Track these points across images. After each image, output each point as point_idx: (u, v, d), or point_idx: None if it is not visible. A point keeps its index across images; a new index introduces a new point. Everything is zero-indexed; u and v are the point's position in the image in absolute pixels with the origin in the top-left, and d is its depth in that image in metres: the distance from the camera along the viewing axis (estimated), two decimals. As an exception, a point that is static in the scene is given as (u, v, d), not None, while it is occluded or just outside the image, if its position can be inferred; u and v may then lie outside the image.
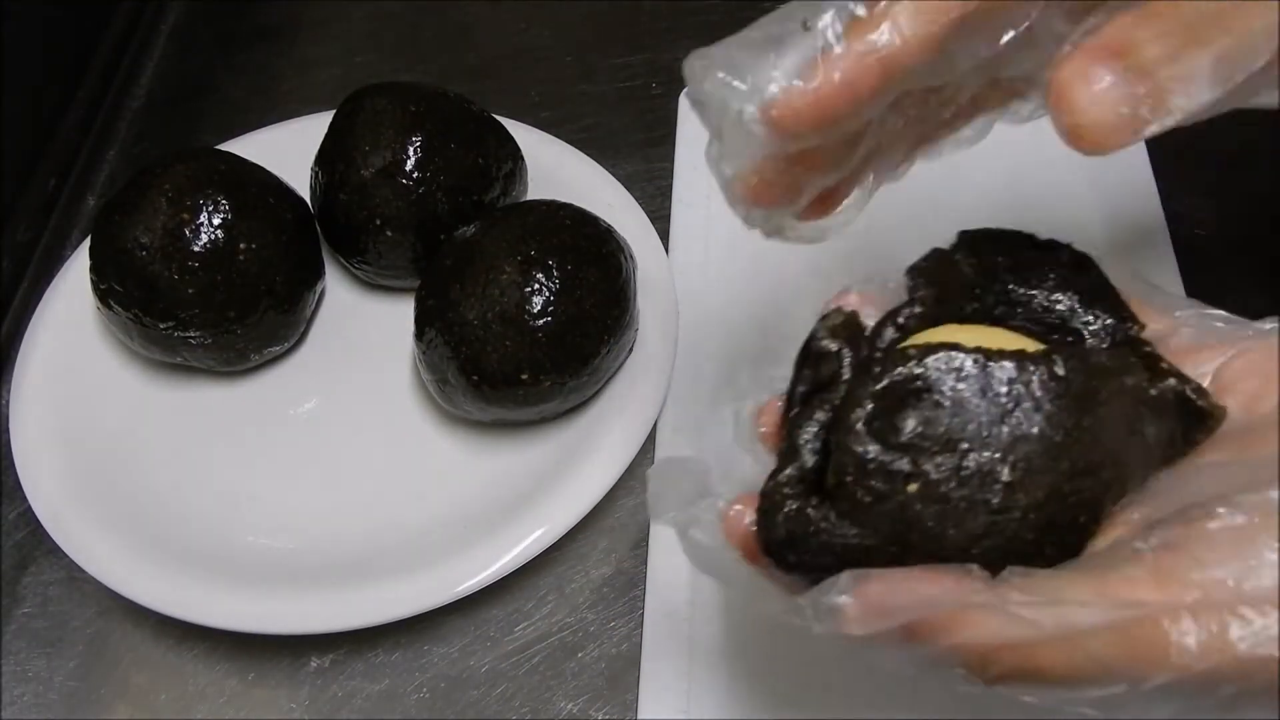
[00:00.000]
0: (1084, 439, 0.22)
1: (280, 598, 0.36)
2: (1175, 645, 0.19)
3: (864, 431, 0.22)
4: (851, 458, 0.22)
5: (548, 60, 0.56)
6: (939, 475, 0.21)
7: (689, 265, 0.45)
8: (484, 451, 0.41)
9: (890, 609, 0.21)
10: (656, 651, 0.36)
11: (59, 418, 0.40)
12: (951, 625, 0.20)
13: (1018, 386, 0.22)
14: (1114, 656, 0.19)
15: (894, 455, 0.22)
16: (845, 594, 0.21)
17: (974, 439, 0.22)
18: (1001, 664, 0.20)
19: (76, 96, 0.54)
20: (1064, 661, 0.20)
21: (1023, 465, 0.21)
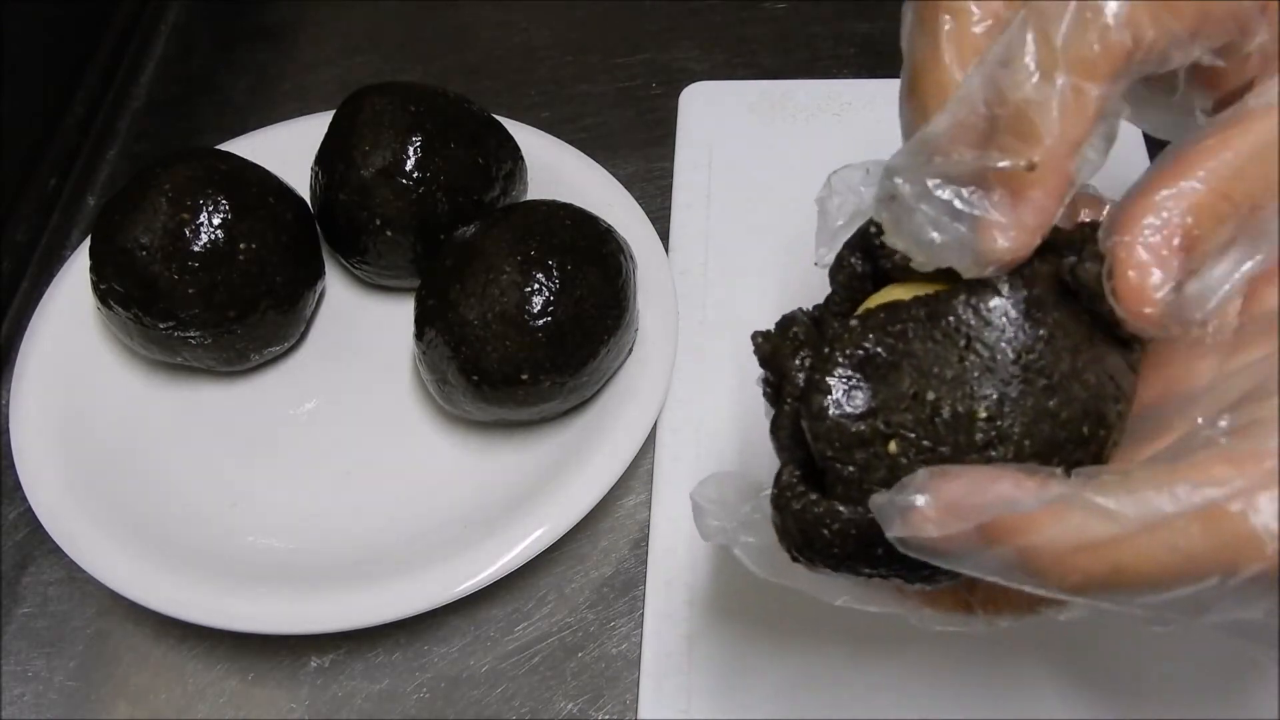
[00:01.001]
0: (1048, 351, 0.21)
1: (280, 598, 0.36)
2: (1265, 528, 0.18)
3: (830, 411, 0.22)
4: (825, 439, 0.22)
5: (548, 60, 0.56)
6: (915, 428, 0.21)
7: (689, 265, 0.45)
8: (484, 451, 0.41)
9: (968, 508, 0.19)
10: (656, 651, 0.36)
11: (59, 418, 0.40)
12: (1029, 525, 0.19)
13: (965, 322, 0.22)
14: (1202, 547, 0.18)
15: (864, 422, 0.22)
16: (922, 493, 0.20)
17: (938, 384, 0.21)
18: (1082, 567, 0.19)
19: (76, 96, 0.54)
20: (1149, 558, 0.19)
21: (995, 396, 0.21)
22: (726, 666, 0.36)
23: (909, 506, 0.20)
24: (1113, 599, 0.19)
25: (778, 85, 0.51)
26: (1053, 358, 0.22)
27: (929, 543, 0.20)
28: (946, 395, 0.21)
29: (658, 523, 0.39)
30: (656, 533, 0.39)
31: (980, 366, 0.21)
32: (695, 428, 0.41)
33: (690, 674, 0.36)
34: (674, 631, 0.37)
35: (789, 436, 0.24)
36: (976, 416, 0.21)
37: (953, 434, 0.21)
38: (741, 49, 0.55)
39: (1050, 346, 0.22)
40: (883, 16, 0.56)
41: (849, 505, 0.22)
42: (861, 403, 0.22)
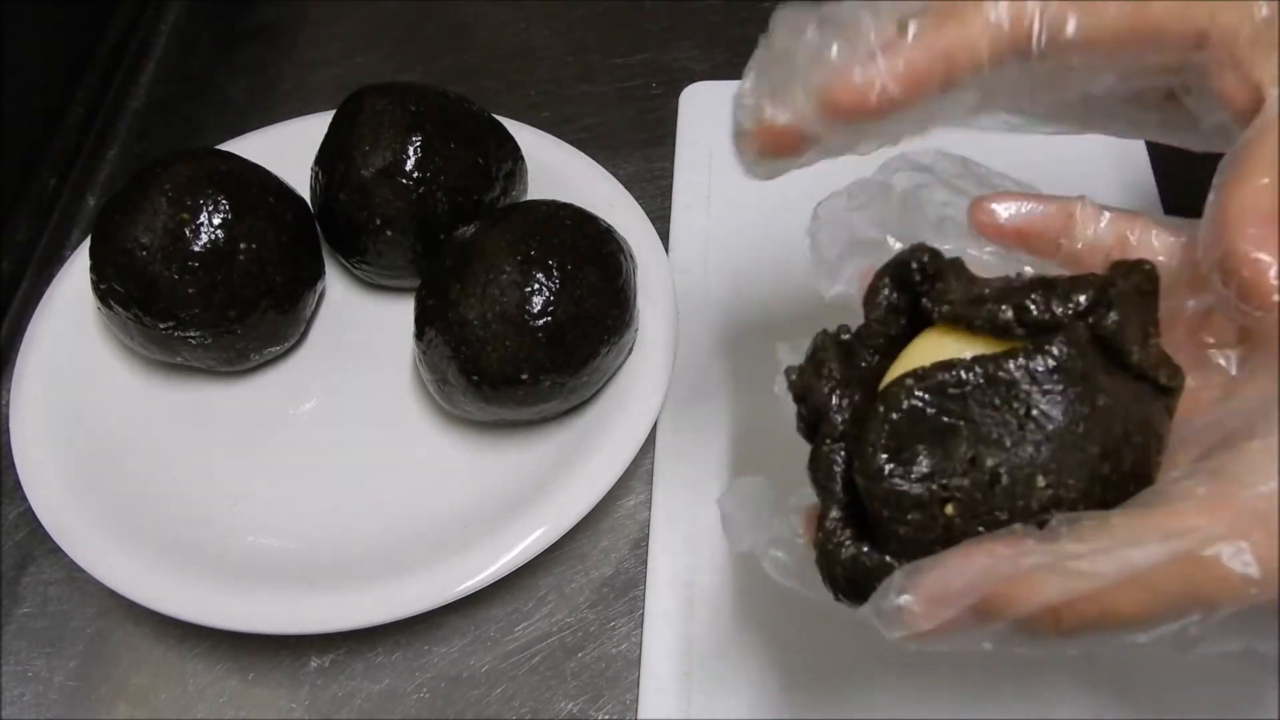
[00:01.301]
0: (1103, 416, 0.22)
1: (280, 598, 0.36)
2: (1238, 574, 0.19)
3: (887, 472, 0.22)
4: (882, 500, 0.22)
5: (548, 60, 0.56)
6: (973, 492, 0.21)
7: (689, 265, 0.45)
8: (484, 451, 0.41)
9: (951, 593, 0.20)
10: (656, 651, 0.36)
11: (59, 418, 0.40)
12: (1017, 595, 0.20)
13: (1023, 388, 0.22)
14: (1180, 590, 0.19)
15: (922, 485, 0.22)
16: (904, 594, 0.21)
17: (997, 451, 0.22)
18: (1073, 617, 0.20)
19: (76, 96, 0.54)
20: (1133, 602, 0.20)
21: (1055, 465, 0.21)
22: (726, 666, 0.36)
23: (895, 609, 0.21)
24: (1105, 639, 0.20)
25: None
26: (1106, 422, 0.22)
27: (927, 636, 0.21)
28: (1005, 462, 0.22)
29: (658, 523, 0.39)
30: (656, 533, 0.39)
31: (1037, 433, 0.22)
32: (695, 428, 0.41)
33: (690, 674, 0.36)
34: (674, 631, 0.37)
35: (827, 476, 0.24)
36: (1035, 485, 0.21)
37: (1010, 500, 0.21)
38: (741, 49, 0.55)
39: (1104, 411, 0.22)
40: (883, 16, 0.56)
41: (898, 560, 0.22)
42: (919, 466, 0.22)
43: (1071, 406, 0.22)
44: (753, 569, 0.37)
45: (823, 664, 0.36)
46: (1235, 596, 0.19)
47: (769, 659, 0.36)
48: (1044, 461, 0.21)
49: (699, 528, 0.39)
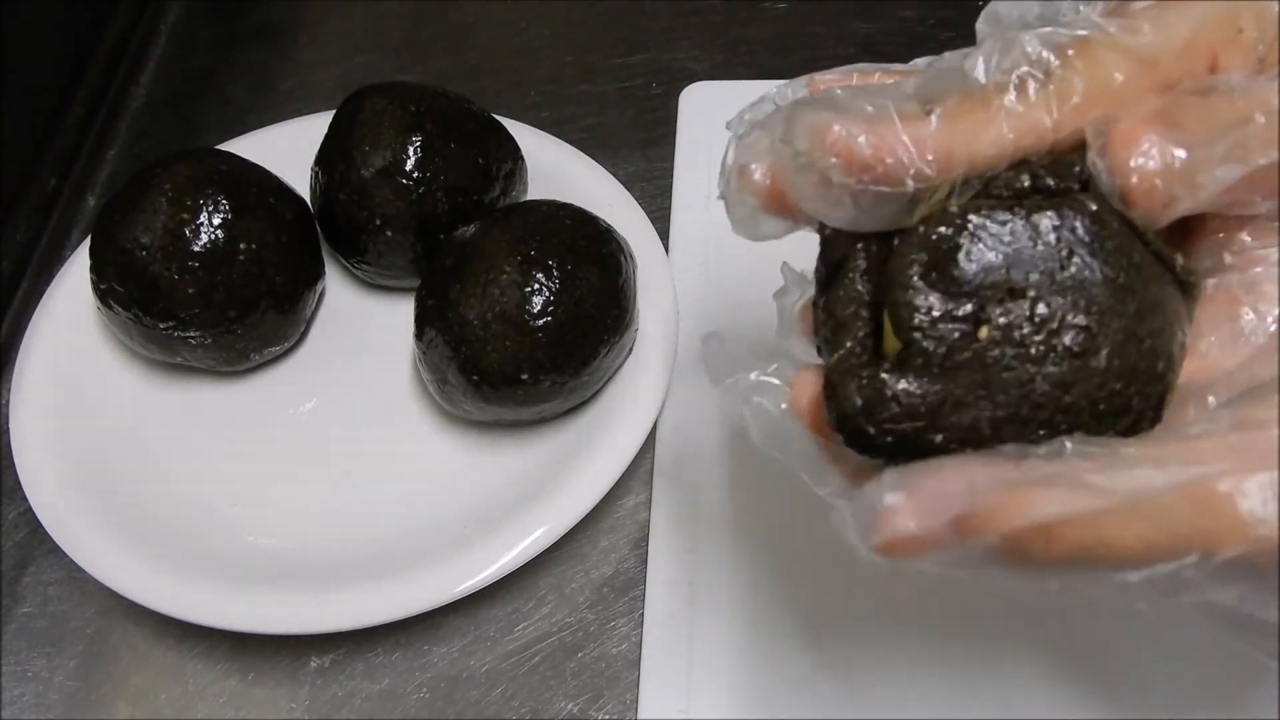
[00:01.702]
0: (1138, 278, 0.21)
1: (280, 598, 0.36)
2: (1248, 512, 0.18)
3: (922, 283, 0.21)
4: (913, 309, 0.21)
5: (548, 60, 0.56)
6: (1011, 319, 0.21)
7: (689, 265, 0.45)
8: (484, 451, 0.41)
9: (944, 496, 0.19)
10: (656, 651, 0.36)
11: (59, 418, 0.40)
12: (1007, 509, 0.19)
13: (1065, 231, 0.21)
14: (1185, 526, 0.18)
15: (959, 301, 0.21)
16: (895, 490, 0.20)
17: (1038, 286, 0.21)
18: (1066, 541, 0.19)
19: (76, 96, 0.54)
20: (1132, 532, 0.19)
21: (1095, 308, 0.21)
22: (726, 666, 0.36)
23: (880, 508, 0.20)
24: (1094, 573, 0.19)
25: (778, 85, 0.51)
26: (1141, 285, 0.21)
27: (911, 542, 0.20)
28: (1045, 296, 0.21)
29: (658, 523, 0.39)
30: (656, 533, 0.39)
31: (1076, 278, 0.21)
32: (695, 427, 0.41)
33: (690, 674, 0.36)
34: (674, 631, 0.37)
35: (849, 308, 0.23)
36: (1074, 324, 0.20)
37: (1044, 336, 0.20)
38: (741, 49, 0.55)
39: (1140, 274, 0.21)
40: (883, 17, 0.56)
41: (922, 380, 0.21)
42: (958, 284, 0.21)
43: (1110, 261, 0.21)
44: (753, 569, 0.37)
45: (823, 664, 0.36)
46: (1241, 540, 0.18)
47: (769, 659, 0.36)
48: (1083, 304, 0.21)
49: (699, 528, 0.39)
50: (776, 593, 0.37)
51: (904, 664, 0.35)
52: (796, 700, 0.35)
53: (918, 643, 0.36)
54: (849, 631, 0.36)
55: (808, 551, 0.38)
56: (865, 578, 0.37)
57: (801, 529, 0.38)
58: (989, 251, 0.21)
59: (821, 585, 0.37)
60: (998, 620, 0.36)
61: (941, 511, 0.19)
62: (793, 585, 0.37)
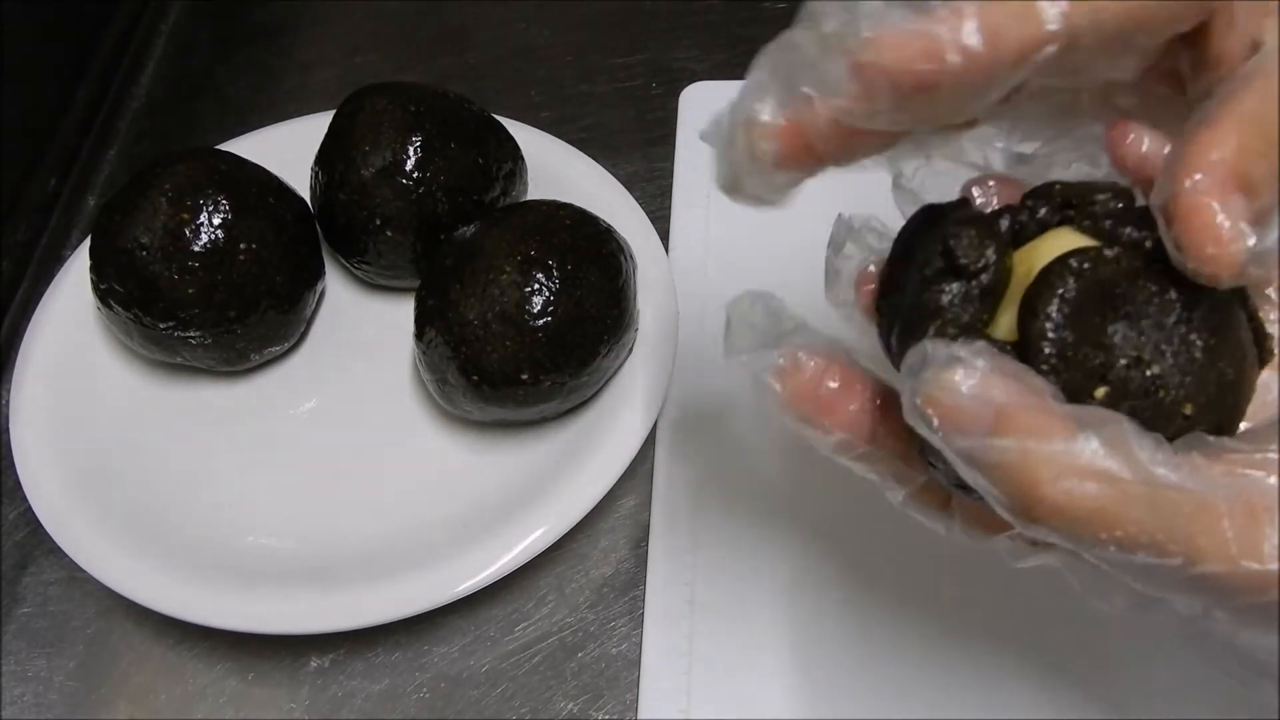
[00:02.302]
0: (1237, 354, 0.22)
1: (280, 598, 0.36)
2: (1239, 540, 0.18)
3: (1061, 319, 0.21)
4: (1048, 342, 0.21)
5: (548, 60, 0.56)
6: (1128, 386, 0.21)
7: (689, 265, 0.45)
8: (484, 451, 0.41)
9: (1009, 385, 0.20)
10: (656, 651, 0.36)
11: (59, 418, 0.40)
12: (1040, 430, 0.19)
13: (1179, 306, 0.21)
14: (1184, 530, 0.19)
15: (1091, 352, 0.21)
16: (977, 354, 0.20)
17: (1158, 360, 0.21)
18: (1068, 494, 0.19)
19: (76, 96, 0.54)
20: (1131, 518, 0.19)
21: (1201, 396, 0.21)
22: (726, 666, 0.36)
23: (958, 358, 0.20)
24: (1077, 540, 0.19)
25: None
26: (1239, 361, 0.22)
27: (952, 408, 0.20)
28: (1163, 376, 0.21)
29: (658, 523, 0.39)
30: (656, 533, 0.39)
31: (1186, 355, 0.21)
32: (695, 428, 0.41)
33: (690, 674, 0.36)
34: (674, 631, 0.37)
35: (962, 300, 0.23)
36: (1180, 412, 0.21)
37: (1155, 413, 0.21)
38: (741, 49, 0.55)
39: (1237, 349, 0.22)
40: (883, 16, 0.56)
41: None
42: (1098, 333, 0.21)
43: (1215, 335, 0.22)
44: (753, 569, 0.37)
45: (823, 665, 0.36)
46: (1225, 558, 0.19)
47: (769, 659, 0.36)
48: (1190, 390, 0.21)
49: (699, 528, 0.39)
50: (776, 593, 0.37)
51: (904, 664, 0.35)
52: (796, 700, 0.35)
53: (918, 643, 0.36)
54: (849, 631, 0.36)
55: (808, 552, 0.38)
56: (865, 578, 0.37)
57: (802, 529, 0.38)
58: (1129, 315, 0.21)
59: (821, 585, 0.37)
60: (999, 621, 0.36)
61: (993, 393, 0.20)
62: (792, 585, 0.37)
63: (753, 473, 0.40)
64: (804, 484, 0.39)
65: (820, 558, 0.38)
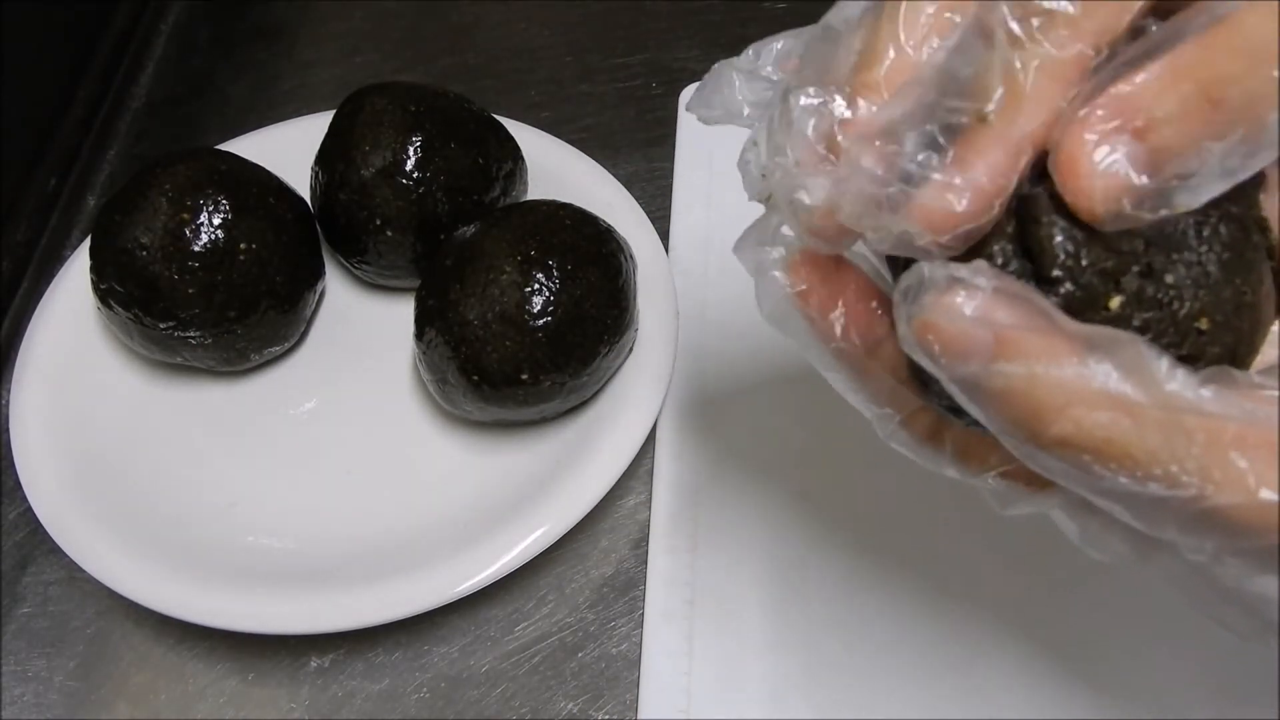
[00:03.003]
0: (1257, 282, 0.21)
1: (280, 598, 0.36)
2: (1257, 474, 0.17)
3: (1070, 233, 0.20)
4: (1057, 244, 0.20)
5: (548, 60, 0.56)
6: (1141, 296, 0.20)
7: (689, 265, 0.45)
8: (484, 451, 0.41)
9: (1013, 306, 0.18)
10: (656, 651, 0.36)
11: (59, 418, 0.40)
12: (1046, 354, 0.18)
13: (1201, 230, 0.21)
14: (1198, 459, 0.17)
15: (1103, 255, 0.20)
16: (978, 275, 0.19)
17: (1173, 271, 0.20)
18: (1076, 422, 0.18)
19: (76, 96, 0.54)
20: (1146, 443, 0.18)
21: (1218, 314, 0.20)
22: (726, 666, 0.36)
23: (960, 278, 0.19)
24: (1083, 471, 0.18)
25: None
26: (1257, 289, 0.21)
27: (951, 333, 0.19)
28: (1177, 286, 0.20)
29: (658, 523, 0.39)
30: (656, 533, 0.39)
31: (1204, 277, 0.20)
32: (695, 428, 0.41)
33: (690, 674, 0.36)
34: (674, 631, 0.37)
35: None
36: (1195, 326, 0.20)
37: (1169, 324, 0.20)
38: (741, 49, 0.55)
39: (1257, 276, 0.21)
40: (883, 16, 0.56)
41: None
42: (1101, 245, 0.20)
43: (1231, 251, 0.21)
44: (753, 569, 0.37)
45: (823, 665, 0.36)
46: (1242, 488, 0.17)
47: (769, 659, 0.36)
48: (1206, 303, 0.20)
49: (699, 528, 0.39)
50: (776, 593, 0.37)
51: (905, 664, 0.35)
52: (796, 700, 0.35)
53: (918, 643, 0.36)
54: (849, 631, 0.36)
55: (808, 551, 0.38)
56: (866, 578, 0.37)
57: (802, 529, 0.38)
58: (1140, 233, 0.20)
59: (821, 585, 0.37)
60: (1000, 621, 0.36)
61: (996, 315, 0.18)
62: (792, 585, 0.37)
63: (753, 473, 0.40)
64: (805, 484, 0.39)
65: (821, 558, 0.38)
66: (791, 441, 0.40)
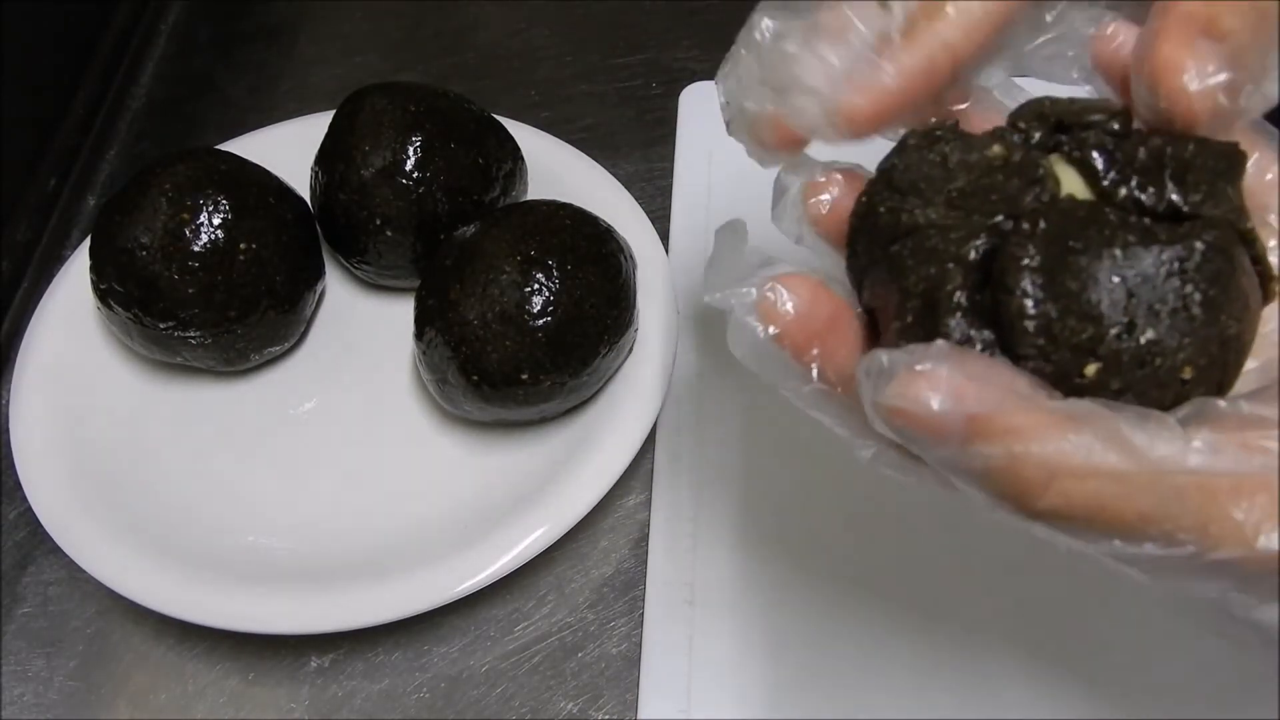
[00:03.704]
0: (1240, 310, 0.20)
1: (280, 598, 0.36)
2: (1255, 524, 0.17)
3: (1038, 291, 0.20)
4: (1029, 319, 0.20)
5: (548, 60, 0.56)
6: (1120, 360, 0.19)
7: (689, 265, 0.45)
8: (484, 451, 0.41)
9: (977, 388, 0.18)
10: (656, 651, 0.36)
11: (59, 418, 0.40)
12: (1026, 432, 0.18)
13: (1177, 263, 0.20)
14: (1192, 517, 0.17)
15: (1077, 324, 0.19)
16: (938, 360, 0.18)
17: (1153, 323, 0.20)
18: (1065, 494, 0.18)
19: (76, 96, 0.54)
20: (1134, 509, 0.18)
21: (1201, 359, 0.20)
22: (726, 666, 0.36)
23: (919, 370, 0.18)
24: (1080, 534, 0.18)
25: None
26: (1240, 316, 0.20)
27: (922, 418, 0.18)
28: (1159, 342, 0.19)
29: (658, 523, 0.39)
30: (656, 533, 0.39)
31: (1186, 317, 0.20)
32: (695, 428, 0.41)
33: (690, 674, 0.36)
34: (674, 631, 0.37)
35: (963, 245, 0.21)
36: (1178, 376, 0.20)
37: (1151, 384, 0.20)
38: (741, 49, 0.55)
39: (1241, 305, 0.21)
40: (883, 16, 0.56)
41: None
42: (1074, 305, 0.19)
43: (1215, 285, 0.20)
44: (753, 569, 0.37)
45: (823, 664, 0.36)
46: (1241, 542, 0.17)
47: (769, 659, 0.36)
48: (1190, 352, 0.20)
49: (699, 528, 0.39)
50: (776, 593, 0.37)
51: (904, 663, 0.35)
52: (796, 700, 0.35)
53: (919, 642, 0.36)
54: (849, 631, 0.36)
55: (808, 551, 0.38)
56: (865, 577, 0.37)
57: (802, 529, 0.38)
58: (1112, 278, 0.20)
59: (822, 585, 0.37)
60: (1001, 620, 0.36)
61: (965, 401, 0.18)
62: (792, 585, 0.37)
63: (752, 472, 0.40)
64: (804, 484, 0.39)
65: (820, 557, 0.38)
66: (792, 441, 0.40)
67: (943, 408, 0.18)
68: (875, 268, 0.23)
